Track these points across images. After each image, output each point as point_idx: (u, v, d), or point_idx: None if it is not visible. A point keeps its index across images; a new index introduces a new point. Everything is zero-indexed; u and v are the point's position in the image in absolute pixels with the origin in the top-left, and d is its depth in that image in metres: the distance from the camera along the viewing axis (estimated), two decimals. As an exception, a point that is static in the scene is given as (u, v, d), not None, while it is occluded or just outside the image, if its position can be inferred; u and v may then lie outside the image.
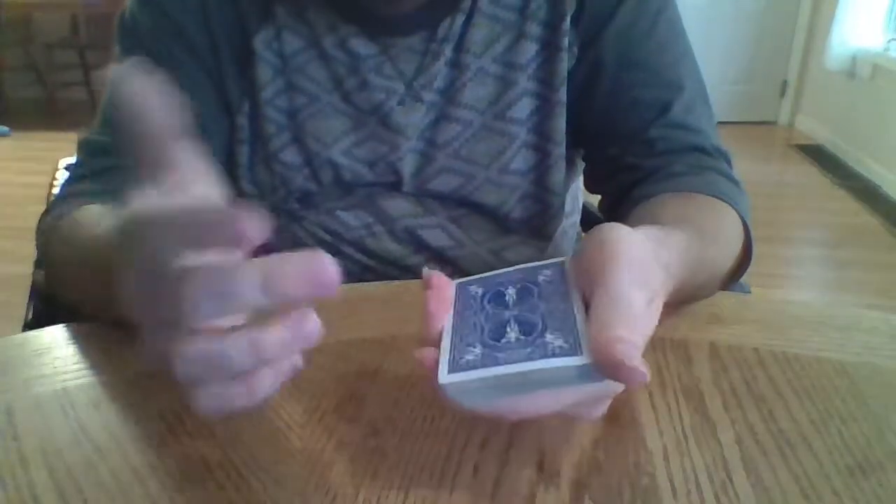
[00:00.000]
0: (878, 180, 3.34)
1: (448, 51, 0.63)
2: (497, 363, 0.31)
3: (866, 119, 3.56)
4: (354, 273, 0.70)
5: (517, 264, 0.70)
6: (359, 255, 0.69)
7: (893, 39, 3.48)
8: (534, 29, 0.63)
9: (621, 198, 0.65)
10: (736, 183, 0.62)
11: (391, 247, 0.69)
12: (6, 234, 2.63)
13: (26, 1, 4.07)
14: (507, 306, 0.36)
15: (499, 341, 0.32)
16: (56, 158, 0.96)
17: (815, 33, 4.19)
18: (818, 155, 3.81)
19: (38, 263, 0.78)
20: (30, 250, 0.63)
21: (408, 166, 0.66)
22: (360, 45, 0.63)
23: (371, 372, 0.45)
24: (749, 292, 0.66)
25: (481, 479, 0.36)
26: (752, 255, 0.58)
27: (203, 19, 0.62)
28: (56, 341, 0.50)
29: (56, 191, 0.88)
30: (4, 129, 4.04)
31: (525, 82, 0.64)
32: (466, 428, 0.40)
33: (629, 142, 0.64)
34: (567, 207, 0.72)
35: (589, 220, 0.94)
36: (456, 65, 0.64)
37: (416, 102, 0.64)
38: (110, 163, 0.62)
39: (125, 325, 0.46)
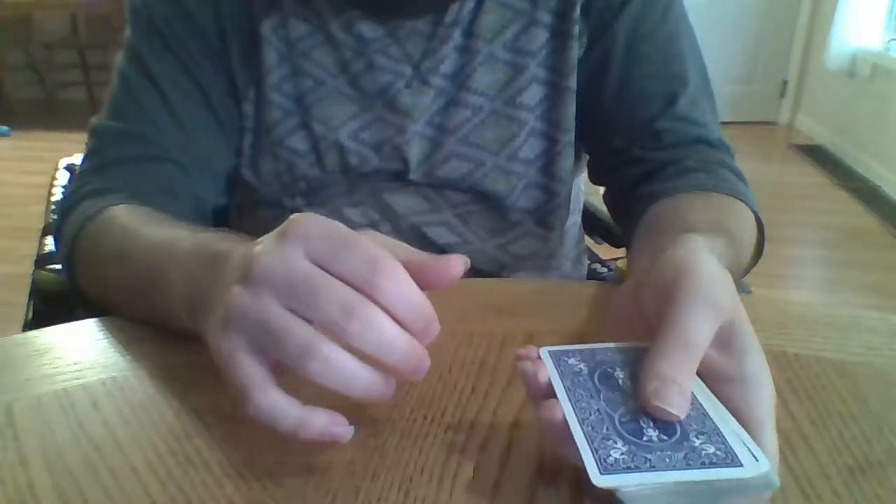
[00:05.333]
0: (878, 180, 3.34)
1: (457, 35, 0.64)
2: (652, 467, 0.30)
3: (866, 119, 3.56)
4: None
5: (524, 256, 0.71)
6: None
7: (893, 39, 3.48)
8: (544, 17, 0.64)
9: (628, 190, 0.65)
10: (742, 177, 0.63)
11: None
12: (6, 234, 2.63)
13: (26, 1, 4.07)
14: (623, 392, 0.34)
15: (640, 439, 0.31)
16: (56, 158, 0.96)
17: (815, 33, 4.19)
18: (818, 155, 3.81)
19: (39, 263, 0.78)
20: (30, 250, 0.63)
21: (415, 151, 0.66)
22: (367, 28, 0.63)
23: (371, 372, 0.45)
24: (749, 292, 0.66)
25: (481, 480, 0.36)
26: (762, 253, 0.59)
27: (213, 6, 0.63)
28: (56, 341, 0.50)
29: (57, 190, 0.88)
30: (4, 129, 4.03)
31: (535, 69, 0.65)
32: (466, 428, 0.40)
33: (636, 133, 0.65)
34: (570, 205, 0.73)
35: (591, 221, 0.94)
36: (466, 50, 0.64)
37: (423, 85, 0.64)
38: (126, 152, 0.63)
39: (165, 327, 0.47)
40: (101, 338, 0.50)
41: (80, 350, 0.48)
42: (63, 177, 0.91)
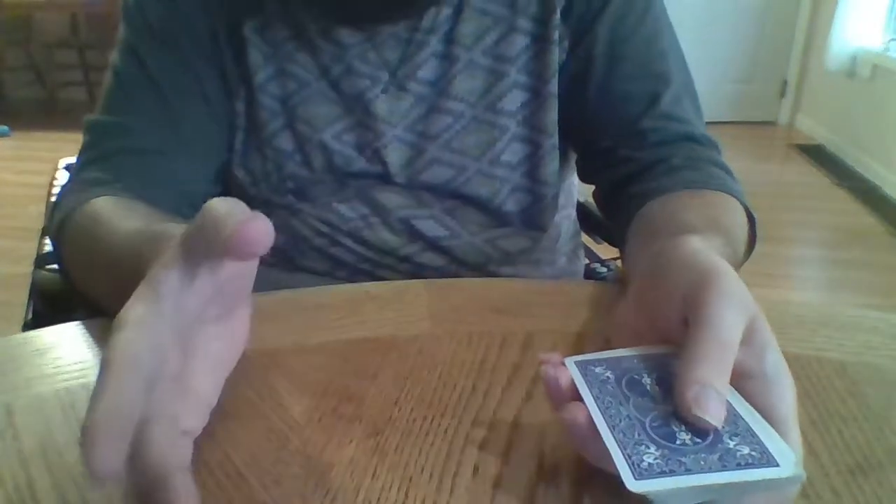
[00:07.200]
0: (878, 180, 3.34)
1: (435, 42, 0.64)
2: (687, 470, 0.30)
3: (866, 119, 3.56)
4: (352, 263, 0.71)
5: (513, 253, 0.71)
6: (356, 246, 0.70)
7: (893, 39, 3.48)
8: (524, 23, 0.64)
9: (618, 189, 0.66)
10: (730, 172, 0.63)
11: (387, 237, 0.70)
12: (6, 234, 2.63)
13: (26, 1, 4.07)
14: (653, 398, 0.34)
15: (673, 443, 0.31)
16: (56, 158, 0.96)
17: (815, 33, 4.19)
18: (818, 155, 3.81)
19: (39, 263, 0.78)
20: (30, 250, 0.63)
21: (395, 155, 0.66)
22: (345, 34, 0.64)
23: (371, 372, 0.45)
24: (749, 292, 0.66)
25: (481, 479, 0.36)
26: (754, 248, 0.59)
27: (203, 6, 0.64)
28: (56, 341, 0.50)
29: (56, 190, 0.88)
30: (4, 129, 4.04)
31: (515, 74, 0.65)
32: (466, 428, 0.40)
33: (621, 133, 0.65)
34: (561, 200, 0.73)
35: (590, 220, 0.94)
36: (446, 57, 0.65)
37: (400, 91, 0.65)
38: (118, 145, 0.63)
39: None
40: (102, 337, 0.50)
41: (81, 349, 0.48)
42: (63, 177, 0.92)
